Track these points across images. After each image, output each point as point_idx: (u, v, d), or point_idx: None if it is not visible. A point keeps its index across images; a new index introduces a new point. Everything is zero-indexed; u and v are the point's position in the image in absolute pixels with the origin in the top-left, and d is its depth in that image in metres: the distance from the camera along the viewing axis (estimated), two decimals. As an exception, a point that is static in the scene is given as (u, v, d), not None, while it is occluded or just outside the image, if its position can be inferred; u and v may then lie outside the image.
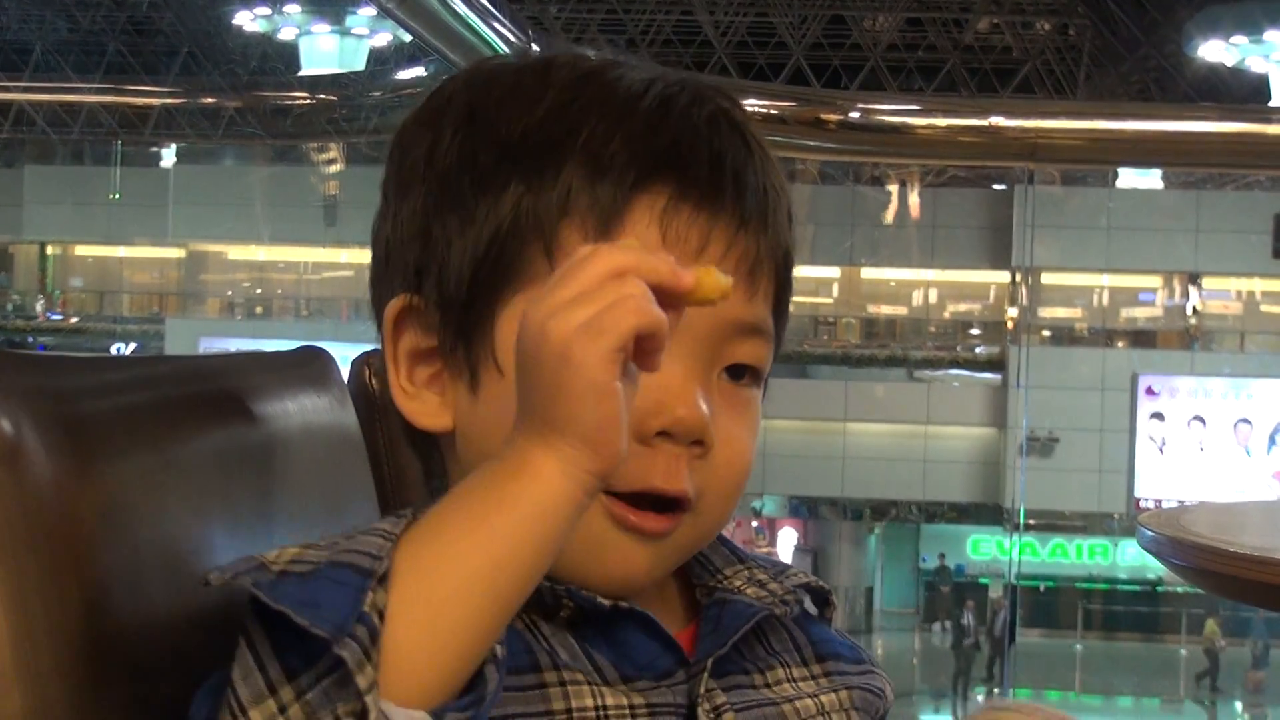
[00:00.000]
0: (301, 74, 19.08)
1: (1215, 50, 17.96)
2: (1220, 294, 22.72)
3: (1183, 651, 21.27)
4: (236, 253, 23.94)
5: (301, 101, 19.47)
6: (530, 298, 0.73)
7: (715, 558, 0.87)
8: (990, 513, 22.03)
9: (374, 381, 1.07)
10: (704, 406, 0.78)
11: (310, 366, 1.03)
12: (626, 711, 0.77)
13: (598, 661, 0.78)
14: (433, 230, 0.82)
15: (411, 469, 0.98)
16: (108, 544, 0.75)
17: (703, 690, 0.80)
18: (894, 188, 23.60)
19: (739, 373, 0.82)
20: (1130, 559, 21.20)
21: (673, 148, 0.79)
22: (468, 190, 0.81)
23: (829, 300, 24.29)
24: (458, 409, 0.83)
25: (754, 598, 0.85)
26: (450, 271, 0.81)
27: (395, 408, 0.85)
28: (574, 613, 0.78)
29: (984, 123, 2.17)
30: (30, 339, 23.28)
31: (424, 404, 0.84)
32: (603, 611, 0.78)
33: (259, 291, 24.11)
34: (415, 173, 0.84)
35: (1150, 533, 1.42)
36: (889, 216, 23.58)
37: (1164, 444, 19.54)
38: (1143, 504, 18.56)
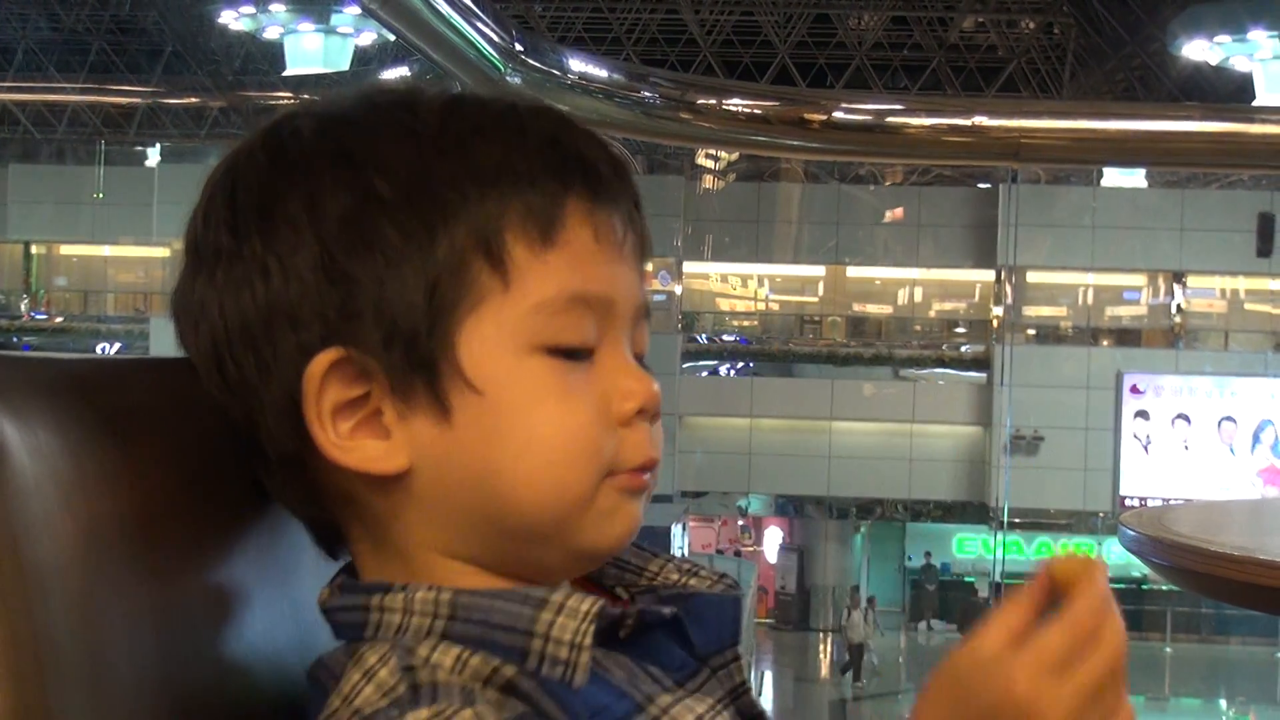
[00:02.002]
0: (286, 73, 19.04)
1: (1199, 49, 18.01)
2: (1204, 292, 22.79)
3: (1168, 649, 21.32)
4: (221, 252, 23.84)
5: (286, 101, 19.43)
6: (483, 315, 0.80)
7: (632, 559, 0.90)
8: (976, 511, 22.09)
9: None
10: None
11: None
12: (709, 714, 0.81)
13: (653, 673, 0.81)
14: (355, 274, 0.81)
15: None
16: (92, 546, 0.75)
17: (739, 678, 0.85)
18: (879, 187, 23.64)
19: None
20: (1115, 557, 21.18)
21: (575, 156, 0.84)
22: (386, 229, 0.81)
23: (814, 299, 24.30)
24: (417, 445, 0.82)
25: (702, 588, 0.89)
26: (395, 307, 0.81)
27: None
28: (631, 630, 0.81)
29: (968, 122, 2.17)
30: (14, 339, 23.24)
31: (368, 452, 0.82)
32: (663, 620, 0.81)
33: (244, 290, 24.04)
34: (296, 224, 0.82)
35: (1131, 532, 1.43)
36: (874, 215, 23.61)
37: (1149, 442, 19.60)
38: (1128, 502, 18.61)
